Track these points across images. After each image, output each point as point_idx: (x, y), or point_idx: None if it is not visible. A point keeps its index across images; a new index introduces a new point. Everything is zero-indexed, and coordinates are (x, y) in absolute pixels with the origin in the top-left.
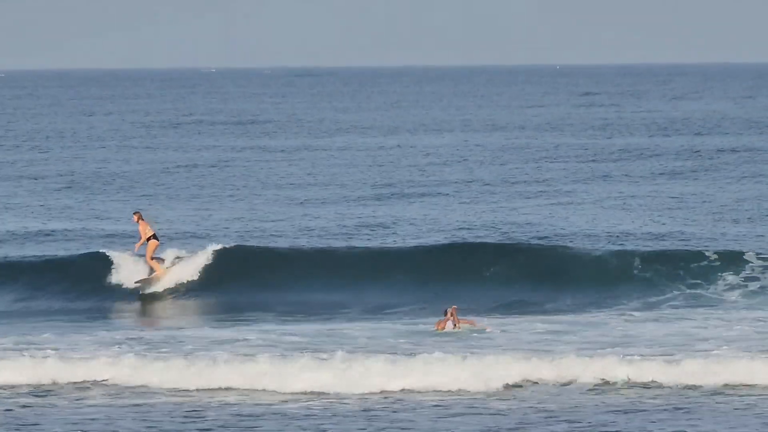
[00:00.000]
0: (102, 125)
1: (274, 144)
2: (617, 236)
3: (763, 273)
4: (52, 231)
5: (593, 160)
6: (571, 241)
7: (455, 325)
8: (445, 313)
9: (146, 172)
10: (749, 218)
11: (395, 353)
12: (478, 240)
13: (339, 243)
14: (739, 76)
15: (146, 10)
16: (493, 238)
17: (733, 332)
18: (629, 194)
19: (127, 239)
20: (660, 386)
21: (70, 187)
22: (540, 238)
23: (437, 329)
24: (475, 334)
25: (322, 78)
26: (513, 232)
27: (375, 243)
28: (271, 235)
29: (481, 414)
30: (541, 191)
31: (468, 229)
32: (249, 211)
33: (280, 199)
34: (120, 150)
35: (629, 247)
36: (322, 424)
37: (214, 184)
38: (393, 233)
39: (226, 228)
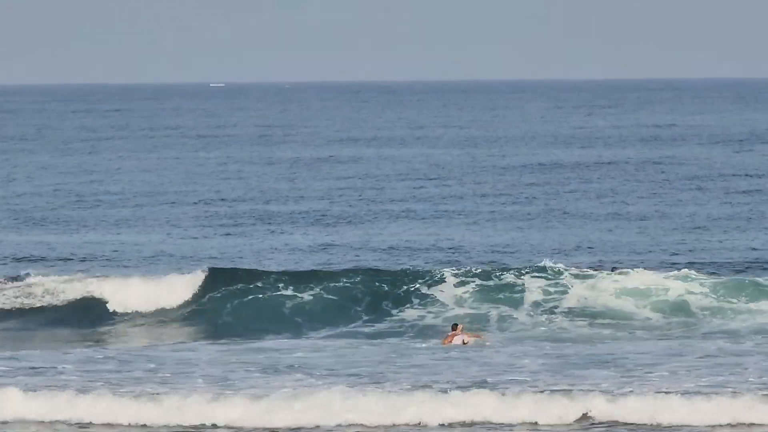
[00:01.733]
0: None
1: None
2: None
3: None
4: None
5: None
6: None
7: (464, 341)
8: (453, 328)
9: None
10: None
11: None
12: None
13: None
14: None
15: (150, 23)
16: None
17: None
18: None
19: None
20: None
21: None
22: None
23: (444, 344)
24: (481, 349)
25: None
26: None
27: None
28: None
29: None
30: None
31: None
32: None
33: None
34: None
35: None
36: None
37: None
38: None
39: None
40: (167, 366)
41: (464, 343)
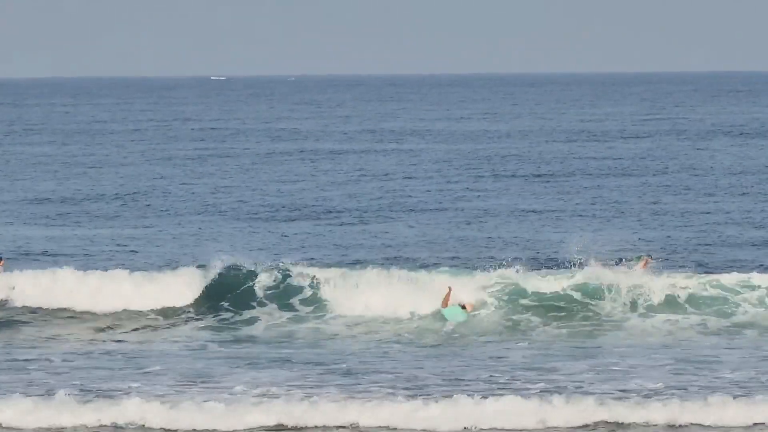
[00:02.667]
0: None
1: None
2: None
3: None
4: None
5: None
6: None
7: (463, 305)
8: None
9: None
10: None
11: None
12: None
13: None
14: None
15: (151, 15)
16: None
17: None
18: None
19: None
20: None
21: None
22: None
23: (443, 306)
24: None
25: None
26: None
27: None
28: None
29: None
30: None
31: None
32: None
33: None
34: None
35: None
36: None
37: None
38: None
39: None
40: (159, 365)
41: (463, 307)
